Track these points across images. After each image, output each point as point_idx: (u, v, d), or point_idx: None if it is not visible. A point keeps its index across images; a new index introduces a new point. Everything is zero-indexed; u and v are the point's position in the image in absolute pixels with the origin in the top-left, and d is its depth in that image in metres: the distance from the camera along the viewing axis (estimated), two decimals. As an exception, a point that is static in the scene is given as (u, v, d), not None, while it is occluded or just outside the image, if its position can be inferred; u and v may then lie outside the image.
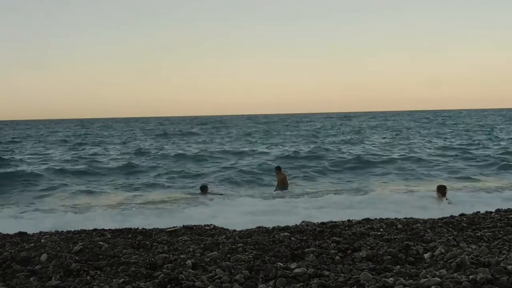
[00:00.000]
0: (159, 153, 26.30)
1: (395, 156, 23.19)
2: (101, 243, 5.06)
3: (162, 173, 19.14)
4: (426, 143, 30.40)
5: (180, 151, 27.08)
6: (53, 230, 6.10)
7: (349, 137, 38.83)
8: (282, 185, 15.10)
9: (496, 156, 22.76)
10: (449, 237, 4.83)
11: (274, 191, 15.08)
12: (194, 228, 5.91)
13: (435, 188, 12.25)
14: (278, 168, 15.72)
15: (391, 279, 3.45)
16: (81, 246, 4.86)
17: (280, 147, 30.01)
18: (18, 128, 69.28)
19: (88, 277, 3.94)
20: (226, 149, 28.13)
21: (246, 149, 28.25)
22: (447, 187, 12.16)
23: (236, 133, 47.47)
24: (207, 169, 20.43)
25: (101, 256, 4.57)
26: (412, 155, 23.37)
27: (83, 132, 55.45)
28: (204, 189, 14.77)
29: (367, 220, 5.97)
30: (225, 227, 6.05)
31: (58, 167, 20.82)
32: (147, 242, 5.17)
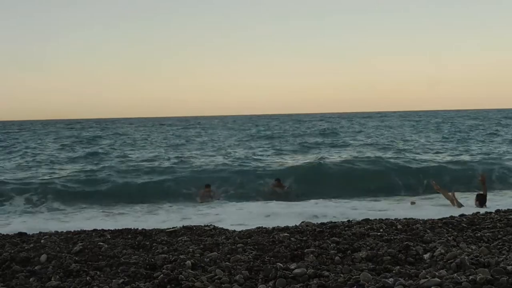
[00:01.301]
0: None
1: None
2: (101, 243, 5.06)
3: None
4: None
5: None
6: (53, 231, 6.10)
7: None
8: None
9: None
10: (449, 238, 4.83)
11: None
12: (194, 228, 5.91)
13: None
14: (278, 180, 15.71)
15: (391, 279, 3.45)
16: (80, 247, 4.86)
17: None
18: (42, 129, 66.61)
19: (87, 278, 3.94)
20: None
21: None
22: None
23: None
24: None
25: (100, 257, 4.58)
26: None
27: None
28: (207, 188, 14.85)
29: (366, 220, 5.97)
30: (224, 227, 6.06)
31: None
32: (147, 243, 5.17)
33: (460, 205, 11.56)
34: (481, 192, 11.99)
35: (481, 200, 11.65)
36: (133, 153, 27.05)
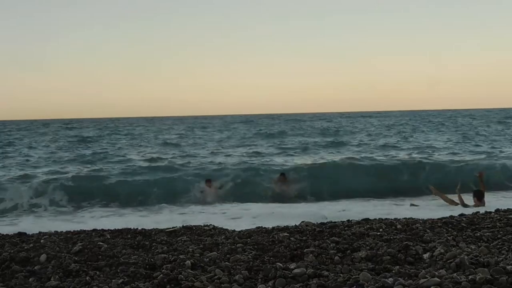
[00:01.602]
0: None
1: None
2: (101, 243, 5.06)
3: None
4: None
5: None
6: (53, 231, 6.10)
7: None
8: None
9: None
10: (448, 237, 4.83)
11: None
12: (194, 228, 5.91)
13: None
14: (283, 175, 15.68)
15: (390, 279, 3.45)
16: (80, 247, 4.86)
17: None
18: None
19: (87, 278, 3.94)
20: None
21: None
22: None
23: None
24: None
25: (100, 257, 4.58)
26: None
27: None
28: (208, 182, 14.85)
29: (366, 220, 5.97)
30: (224, 227, 6.06)
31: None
32: (147, 243, 5.17)
33: (465, 205, 11.52)
34: (479, 189, 11.94)
35: (479, 196, 11.60)
36: (134, 153, 27.06)
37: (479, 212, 6.58)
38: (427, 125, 51.84)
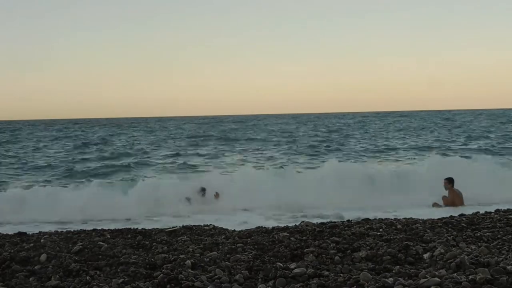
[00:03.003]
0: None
1: None
2: (101, 243, 5.06)
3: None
4: None
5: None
6: (53, 230, 6.10)
7: None
8: None
9: None
10: (448, 237, 4.83)
11: None
12: (194, 228, 5.91)
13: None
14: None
15: (390, 279, 3.45)
16: (80, 246, 4.86)
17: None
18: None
19: (87, 277, 3.94)
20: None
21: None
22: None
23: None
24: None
25: (100, 256, 4.58)
26: None
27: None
28: (203, 191, 14.75)
29: (366, 220, 5.97)
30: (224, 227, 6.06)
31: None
32: (147, 242, 5.17)
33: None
34: (450, 176, 11.75)
35: (450, 180, 11.48)
36: (136, 153, 27.04)
37: (479, 212, 6.58)
38: (431, 126, 51.19)
